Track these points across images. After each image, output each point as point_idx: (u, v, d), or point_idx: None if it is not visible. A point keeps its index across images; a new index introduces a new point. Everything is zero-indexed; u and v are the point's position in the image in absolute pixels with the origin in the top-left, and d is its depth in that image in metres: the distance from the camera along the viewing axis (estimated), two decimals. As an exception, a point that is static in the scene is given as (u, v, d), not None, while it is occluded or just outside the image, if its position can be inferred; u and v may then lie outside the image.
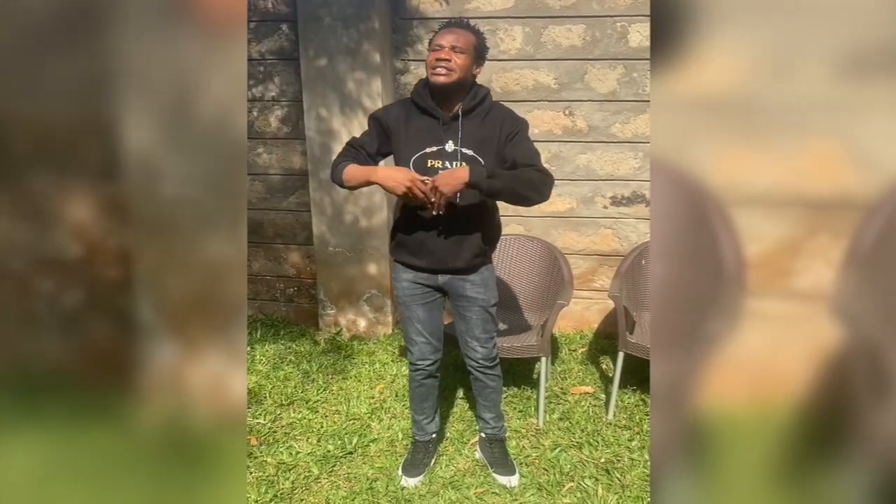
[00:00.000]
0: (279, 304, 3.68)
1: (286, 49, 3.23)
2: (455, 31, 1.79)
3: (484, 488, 2.14)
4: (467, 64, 1.80)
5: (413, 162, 1.87)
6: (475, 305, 2.02)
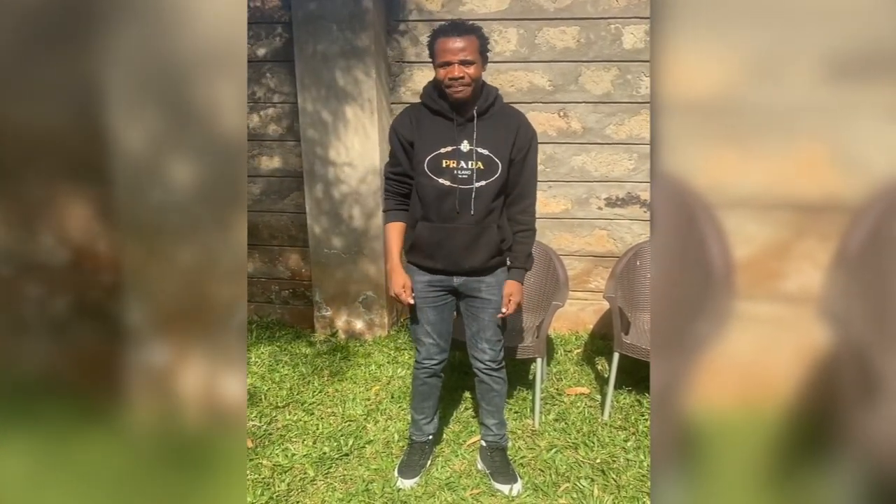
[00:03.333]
0: (274, 305, 3.68)
1: (281, 50, 3.23)
2: (458, 39, 1.76)
3: (480, 489, 2.14)
4: (478, 73, 1.82)
5: (428, 162, 1.88)
6: (489, 307, 2.02)
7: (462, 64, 1.77)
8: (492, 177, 1.87)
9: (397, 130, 1.95)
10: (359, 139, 3.13)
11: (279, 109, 3.33)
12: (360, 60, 3.02)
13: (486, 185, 1.87)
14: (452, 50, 1.76)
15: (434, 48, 1.81)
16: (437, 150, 1.87)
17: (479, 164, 1.86)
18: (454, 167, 1.86)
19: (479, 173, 1.87)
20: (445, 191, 1.88)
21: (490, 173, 1.87)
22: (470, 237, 1.91)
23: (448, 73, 1.78)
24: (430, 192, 1.89)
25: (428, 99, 1.90)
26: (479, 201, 1.87)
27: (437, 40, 1.80)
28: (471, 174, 1.86)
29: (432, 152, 1.87)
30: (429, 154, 1.88)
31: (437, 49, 1.80)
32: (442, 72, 1.80)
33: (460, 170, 1.86)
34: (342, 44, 3.01)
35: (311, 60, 3.07)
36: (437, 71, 1.82)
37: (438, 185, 1.88)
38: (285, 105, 3.31)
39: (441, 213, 1.90)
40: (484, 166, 1.87)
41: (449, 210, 1.89)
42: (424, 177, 1.89)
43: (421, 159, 1.88)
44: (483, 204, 1.88)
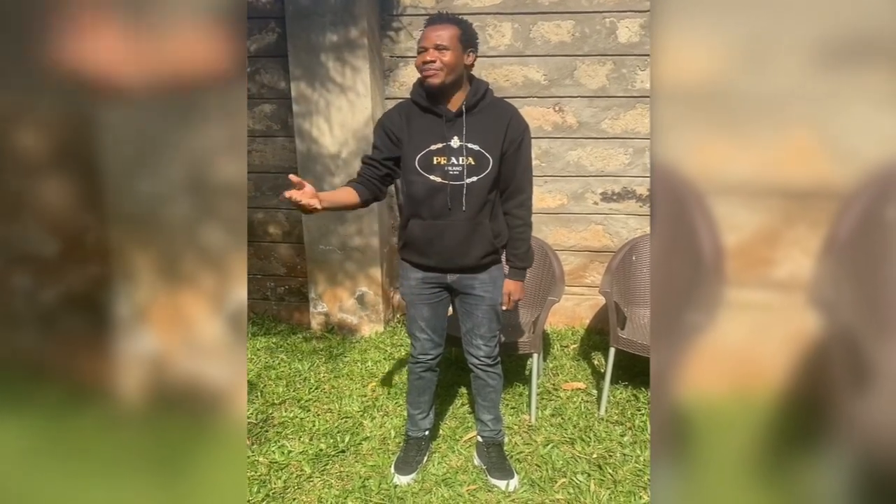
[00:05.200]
0: (269, 302, 3.67)
1: (274, 45, 3.22)
2: (436, 27, 1.78)
3: (477, 485, 2.13)
4: (454, 60, 1.79)
5: (419, 160, 1.86)
6: (483, 304, 2.01)
7: (436, 49, 1.76)
8: (483, 172, 1.86)
9: (385, 125, 1.93)
10: (353, 133, 3.12)
11: (273, 105, 3.32)
12: (354, 55, 3.01)
13: (478, 181, 1.86)
14: (429, 37, 1.77)
15: (419, 41, 1.82)
16: (428, 147, 1.86)
17: (469, 159, 1.85)
18: (445, 164, 1.85)
19: (470, 169, 1.85)
20: (437, 188, 1.86)
21: (481, 169, 1.86)
22: (463, 234, 1.90)
23: (422, 57, 1.78)
24: (422, 189, 1.88)
25: (416, 95, 1.89)
26: (471, 197, 1.86)
27: (423, 31, 1.81)
28: (462, 170, 1.85)
29: (423, 150, 1.86)
30: (419, 152, 1.86)
31: (419, 43, 1.81)
32: (418, 59, 1.81)
33: (451, 166, 1.85)
34: (335, 38, 3.00)
35: (305, 55, 3.06)
36: (416, 61, 1.83)
37: (429, 183, 1.86)
38: (279, 100, 3.30)
39: (433, 211, 1.89)
40: (475, 162, 1.85)
41: (441, 207, 1.88)
42: (415, 174, 1.88)
43: (412, 157, 1.87)
44: (475, 200, 1.87)
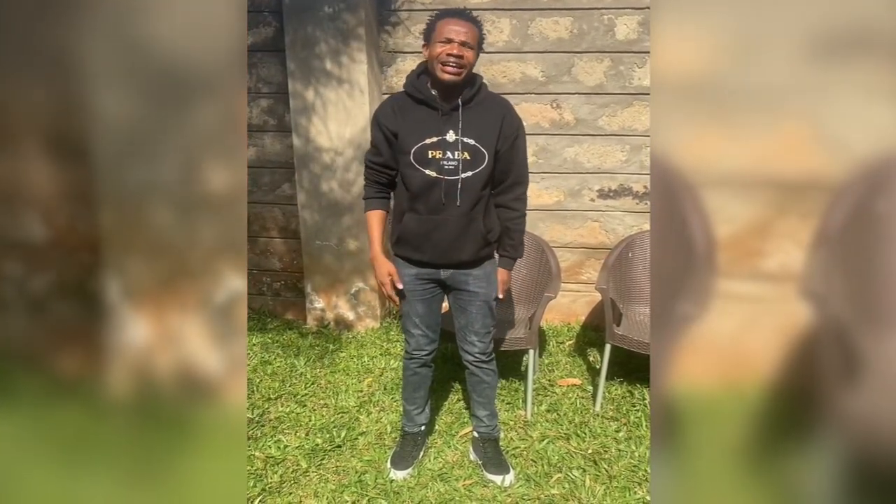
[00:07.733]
0: (266, 297, 3.67)
1: (271, 40, 3.21)
2: (462, 23, 1.75)
3: (472, 480, 2.14)
4: (474, 59, 1.79)
5: (413, 153, 1.85)
6: (477, 300, 2.01)
7: (462, 46, 1.75)
8: (478, 167, 1.85)
9: (380, 121, 1.91)
10: (350, 128, 3.12)
11: (269, 99, 3.32)
12: (351, 48, 3.00)
13: (473, 176, 1.86)
14: (456, 31, 1.74)
15: (435, 27, 1.78)
16: (423, 141, 1.84)
17: (465, 154, 1.84)
18: (440, 158, 1.84)
19: (465, 164, 1.85)
20: (431, 182, 1.85)
21: (476, 164, 1.85)
22: (457, 229, 1.90)
23: (448, 49, 1.74)
24: (417, 183, 1.87)
25: (411, 88, 1.87)
26: (466, 192, 1.86)
27: (440, 20, 1.78)
28: (457, 165, 1.84)
29: (418, 143, 1.84)
30: (414, 145, 1.85)
31: (439, 28, 1.76)
32: (440, 48, 1.75)
33: (447, 160, 1.84)
34: (333, 32, 2.99)
35: (302, 49, 3.05)
36: (434, 47, 1.77)
37: (425, 177, 1.85)
38: (276, 95, 3.29)
39: (428, 205, 1.88)
40: (470, 156, 1.85)
41: (435, 201, 1.87)
42: (410, 168, 1.87)
43: (407, 150, 1.86)
44: (470, 195, 1.87)
